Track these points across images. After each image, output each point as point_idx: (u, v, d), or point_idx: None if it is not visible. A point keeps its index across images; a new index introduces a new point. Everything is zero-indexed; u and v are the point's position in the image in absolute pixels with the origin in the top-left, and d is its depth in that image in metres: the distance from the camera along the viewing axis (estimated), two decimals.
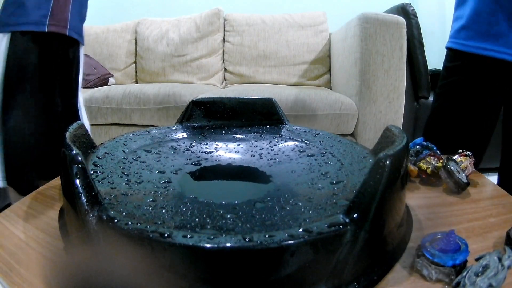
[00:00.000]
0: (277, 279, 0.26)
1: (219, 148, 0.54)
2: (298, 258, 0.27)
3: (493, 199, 0.49)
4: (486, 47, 0.75)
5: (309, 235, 0.27)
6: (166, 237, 0.26)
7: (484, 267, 0.29)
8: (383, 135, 0.45)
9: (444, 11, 2.30)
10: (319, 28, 1.97)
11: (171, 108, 1.52)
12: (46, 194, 0.49)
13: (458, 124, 0.80)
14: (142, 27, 2.12)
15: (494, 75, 0.76)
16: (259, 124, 0.59)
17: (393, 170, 0.31)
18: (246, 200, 0.37)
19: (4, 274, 0.31)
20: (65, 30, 0.79)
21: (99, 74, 1.99)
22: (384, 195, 0.30)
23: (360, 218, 0.29)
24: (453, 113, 0.80)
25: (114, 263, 0.28)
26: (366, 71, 1.38)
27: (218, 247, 0.25)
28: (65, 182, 0.34)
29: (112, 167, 0.44)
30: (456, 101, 0.80)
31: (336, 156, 0.49)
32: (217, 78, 2.06)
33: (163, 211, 0.35)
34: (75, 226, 0.32)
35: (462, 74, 0.79)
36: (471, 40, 0.78)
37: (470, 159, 0.54)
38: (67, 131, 0.41)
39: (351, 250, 0.28)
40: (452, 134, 0.80)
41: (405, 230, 0.38)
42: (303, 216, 0.34)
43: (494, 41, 0.74)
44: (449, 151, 0.58)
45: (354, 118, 1.43)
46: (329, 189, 0.40)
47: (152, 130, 0.57)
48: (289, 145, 0.54)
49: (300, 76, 1.97)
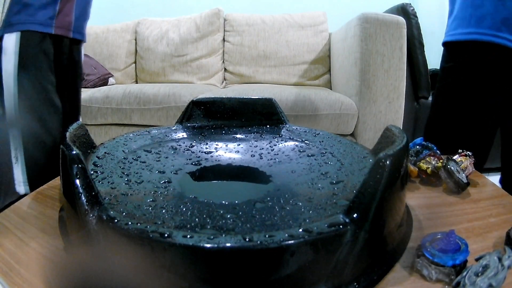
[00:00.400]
0: (277, 279, 0.26)
1: (219, 148, 0.54)
2: (298, 258, 0.27)
3: (493, 199, 0.49)
4: (470, 31, 0.73)
5: (309, 235, 0.27)
6: (166, 237, 0.26)
7: (484, 267, 0.29)
8: (383, 135, 0.45)
9: (444, 11, 2.28)
10: (319, 28, 1.97)
11: (171, 108, 1.52)
12: (46, 194, 0.49)
13: (458, 125, 0.79)
14: (142, 27, 2.12)
15: (490, 68, 0.73)
16: (259, 124, 0.59)
17: (393, 170, 0.31)
18: (246, 200, 0.37)
19: (4, 274, 0.31)
20: (69, 33, 0.80)
21: (99, 74, 1.99)
22: (384, 195, 0.30)
23: (360, 218, 0.29)
24: (453, 114, 0.80)
25: (114, 263, 0.28)
26: (366, 71, 1.38)
27: (218, 247, 0.25)
28: (65, 182, 0.34)
29: (112, 167, 0.44)
30: (455, 102, 0.79)
31: (336, 156, 0.49)
32: (217, 78, 2.06)
33: (163, 211, 0.35)
34: (75, 226, 0.32)
35: (459, 73, 0.78)
36: (459, 27, 0.76)
37: (470, 159, 0.54)
38: (67, 131, 0.41)
39: (351, 250, 0.28)
40: (453, 135, 0.79)
41: (405, 230, 0.38)
42: (303, 216, 0.34)
43: (478, 24, 0.72)
44: (450, 151, 0.58)
45: (354, 118, 1.43)
46: (329, 189, 0.40)
47: (152, 130, 0.57)
48: (289, 145, 0.54)
49: (300, 76, 1.97)
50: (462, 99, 0.78)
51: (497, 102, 0.77)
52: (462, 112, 0.78)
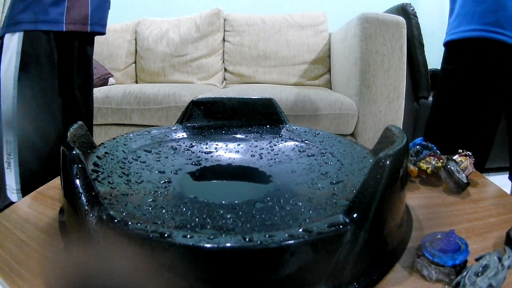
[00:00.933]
0: (277, 279, 0.26)
1: (219, 148, 0.54)
2: (298, 258, 0.27)
3: (493, 199, 0.49)
4: (473, 28, 0.72)
5: (309, 235, 0.27)
6: (166, 237, 0.26)
7: (484, 267, 0.29)
8: (383, 135, 0.45)
9: (444, 11, 2.29)
10: (319, 28, 1.97)
11: (171, 108, 1.52)
12: (46, 194, 0.49)
13: (459, 125, 0.79)
14: (142, 27, 2.12)
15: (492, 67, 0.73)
16: (259, 124, 0.59)
17: (393, 170, 0.31)
18: (246, 200, 0.37)
19: (4, 274, 0.31)
20: (85, 27, 0.74)
21: (99, 74, 1.99)
22: (384, 195, 0.30)
23: (360, 218, 0.29)
24: (454, 114, 0.79)
25: (114, 263, 0.28)
26: (366, 71, 1.38)
27: (218, 247, 0.25)
28: (65, 182, 0.34)
29: (112, 167, 0.44)
30: (456, 102, 0.79)
31: (336, 156, 0.49)
32: (217, 78, 2.06)
33: (163, 211, 0.35)
34: (75, 226, 0.32)
35: (460, 74, 0.78)
36: (461, 25, 0.75)
37: (470, 159, 0.54)
38: (68, 131, 0.41)
39: (351, 250, 0.28)
40: (454, 135, 0.79)
41: (405, 230, 0.38)
42: (303, 216, 0.34)
43: (480, 20, 0.70)
44: (450, 151, 0.57)
45: (354, 118, 1.43)
46: (329, 189, 0.40)
47: (152, 130, 0.57)
48: (289, 145, 0.54)
49: (300, 76, 1.97)
50: (463, 99, 0.78)
51: (499, 102, 0.76)
52: (463, 112, 0.78)
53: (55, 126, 0.74)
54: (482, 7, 0.71)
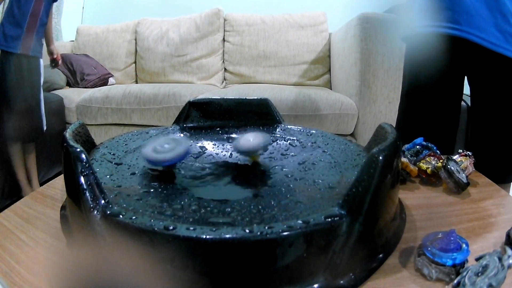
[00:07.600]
0: (276, 269, 0.27)
1: (216, 147, 0.54)
2: (296, 248, 0.28)
3: (493, 199, 0.49)
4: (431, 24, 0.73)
5: (306, 226, 0.28)
6: (170, 230, 0.27)
7: (484, 267, 0.29)
8: (375, 133, 0.46)
9: None
10: (319, 28, 1.97)
11: (171, 108, 1.52)
12: (46, 194, 0.49)
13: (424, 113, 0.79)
14: (142, 27, 2.12)
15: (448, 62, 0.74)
16: (255, 124, 0.60)
17: (386, 165, 0.32)
18: (243, 198, 0.38)
19: (4, 274, 0.31)
20: (29, 51, 1.27)
21: (99, 74, 1.99)
22: (377, 188, 0.31)
23: (355, 210, 0.30)
24: (419, 96, 0.80)
25: (119, 258, 0.28)
26: (366, 71, 1.38)
27: (220, 238, 0.26)
28: (69, 180, 0.34)
29: (112, 167, 0.44)
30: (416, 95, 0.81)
31: (331, 153, 0.50)
32: (217, 78, 2.06)
33: (163, 210, 0.35)
34: (80, 223, 0.32)
35: (416, 66, 0.81)
36: (419, 20, 0.76)
37: (470, 159, 0.54)
38: (68, 130, 0.41)
39: (346, 241, 0.29)
40: (420, 124, 0.79)
41: (398, 224, 0.38)
42: (299, 209, 0.35)
43: (436, 16, 0.71)
44: (412, 139, 0.58)
45: (354, 118, 1.43)
46: (324, 185, 0.41)
47: (151, 130, 0.58)
48: (284, 144, 0.55)
49: (300, 76, 1.97)
50: (422, 93, 0.79)
51: (459, 75, 0.77)
52: (425, 105, 0.79)
53: None
54: (438, 3, 0.71)
